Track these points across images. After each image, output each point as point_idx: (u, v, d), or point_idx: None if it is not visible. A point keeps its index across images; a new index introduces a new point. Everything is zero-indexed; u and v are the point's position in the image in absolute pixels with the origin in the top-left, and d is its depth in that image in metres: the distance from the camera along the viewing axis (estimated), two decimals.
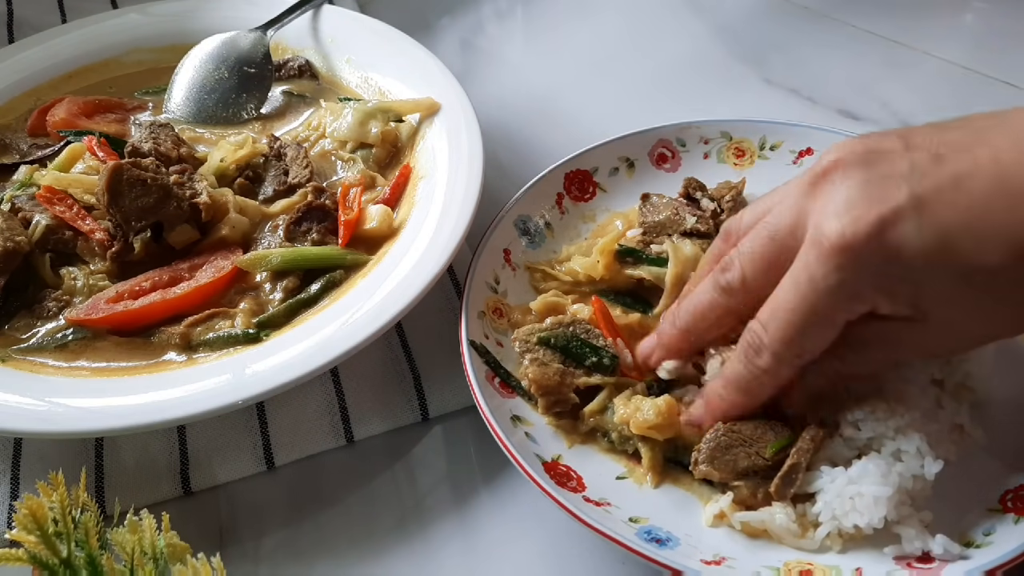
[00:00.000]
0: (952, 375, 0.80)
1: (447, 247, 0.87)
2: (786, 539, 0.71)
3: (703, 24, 1.42)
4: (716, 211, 0.96)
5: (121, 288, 0.91)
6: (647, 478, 0.77)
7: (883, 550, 0.69)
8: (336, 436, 0.86)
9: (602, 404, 0.80)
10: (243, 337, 0.86)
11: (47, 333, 0.89)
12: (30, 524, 0.60)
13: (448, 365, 0.89)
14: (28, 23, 1.45)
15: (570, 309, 0.89)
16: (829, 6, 1.41)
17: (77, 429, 0.77)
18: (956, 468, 0.75)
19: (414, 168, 1.04)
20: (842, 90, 1.25)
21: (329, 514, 0.81)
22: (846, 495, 0.70)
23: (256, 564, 0.78)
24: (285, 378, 0.78)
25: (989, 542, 0.69)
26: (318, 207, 0.97)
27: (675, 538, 0.72)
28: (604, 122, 1.16)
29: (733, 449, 0.74)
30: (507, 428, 0.77)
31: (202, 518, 0.81)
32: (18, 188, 1.01)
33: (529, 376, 0.81)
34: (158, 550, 0.64)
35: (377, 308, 0.83)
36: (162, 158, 0.99)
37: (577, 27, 1.44)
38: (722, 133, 1.05)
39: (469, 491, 0.82)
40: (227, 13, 1.27)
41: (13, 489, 0.84)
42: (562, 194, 1.00)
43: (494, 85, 1.31)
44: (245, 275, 0.93)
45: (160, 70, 1.23)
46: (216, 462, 0.85)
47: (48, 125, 1.13)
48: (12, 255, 0.91)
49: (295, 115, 1.17)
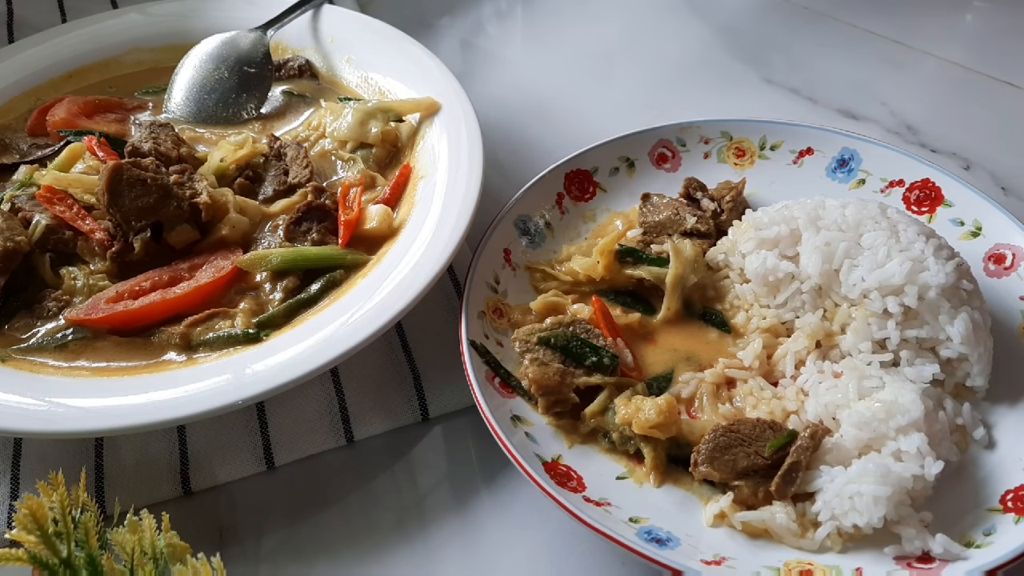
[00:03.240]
0: (952, 375, 0.80)
1: (447, 247, 0.87)
2: (786, 539, 0.71)
3: (703, 24, 1.42)
4: (716, 211, 0.96)
5: (121, 288, 0.91)
6: (649, 477, 0.77)
7: (883, 550, 0.69)
8: (336, 436, 0.86)
9: (603, 405, 0.80)
10: (243, 337, 0.86)
11: (47, 333, 0.89)
12: (30, 524, 0.60)
13: (448, 365, 0.89)
14: (28, 23, 1.45)
15: (570, 309, 0.89)
16: (829, 6, 1.41)
17: (77, 429, 0.77)
18: (956, 468, 0.75)
19: (414, 168, 1.04)
20: (842, 90, 1.25)
21: (329, 514, 0.81)
22: (845, 494, 0.70)
23: (256, 564, 0.78)
24: (285, 378, 0.78)
25: (989, 542, 0.69)
26: (318, 207, 0.97)
27: (675, 538, 0.72)
28: (604, 122, 1.16)
29: (732, 449, 0.74)
30: (507, 428, 0.77)
31: (202, 518, 0.81)
32: (18, 188, 1.01)
33: (529, 376, 0.81)
34: (158, 550, 0.64)
35: (377, 308, 0.83)
36: (162, 158, 0.99)
37: (577, 27, 1.44)
38: (722, 133, 1.05)
39: (469, 491, 0.82)
40: (227, 13, 1.27)
41: (13, 489, 0.83)
42: (562, 194, 1.00)
43: (494, 85, 1.31)
44: (245, 275, 0.93)
45: (160, 70, 1.23)
46: (216, 462, 0.85)
47: (48, 125, 1.13)
48: (12, 255, 0.91)
49: (295, 115, 1.17)
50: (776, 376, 0.84)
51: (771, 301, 0.87)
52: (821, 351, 0.83)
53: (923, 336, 0.79)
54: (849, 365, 0.79)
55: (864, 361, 0.80)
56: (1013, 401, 0.80)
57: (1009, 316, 0.86)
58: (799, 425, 0.77)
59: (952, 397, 0.78)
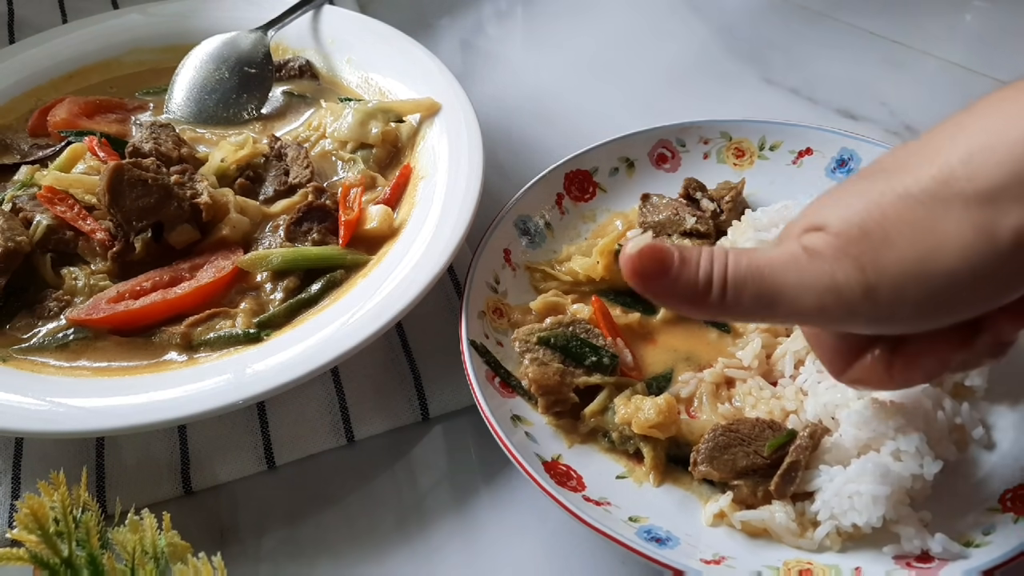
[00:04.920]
0: (951, 375, 0.80)
1: (447, 247, 0.87)
2: (785, 538, 0.72)
3: (703, 24, 1.42)
4: (716, 211, 0.96)
5: (122, 288, 0.91)
6: (649, 477, 0.77)
7: (882, 549, 0.70)
8: (336, 436, 0.87)
9: (603, 404, 0.81)
10: (243, 337, 0.87)
11: (48, 333, 0.89)
12: (31, 524, 0.60)
13: (448, 365, 0.89)
14: (28, 23, 1.45)
15: (570, 309, 0.90)
16: (829, 6, 1.41)
17: (78, 429, 0.77)
18: (955, 468, 0.75)
19: (414, 168, 1.04)
20: (842, 90, 1.25)
21: (330, 513, 0.81)
22: (845, 494, 0.70)
23: (257, 563, 0.78)
24: (285, 378, 0.78)
25: (988, 541, 0.69)
26: (318, 207, 0.97)
27: (675, 537, 0.72)
28: (604, 122, 1.16)
29: (732, 448, 0.74)
30: (507, 428, 0.77)
31: (203, 517, 0.81)
32: (19, 188, 1.01)
33: (529, 376, 0.81)
34: (159, 549, 0.64)
35: (377, 308, 0.84)
36: (163, 158, 1.00)
37: (577, 27, 1.44)
38: (722, 133, 1.05)
39: (469, 491, 0.82)
40: (227, 13, 1.27)
41: (14, 489, 0.84)
42: (562, 194, 1.00)
43: (494, 85, 1.31)
44: (246, 275, 0.93)
45: (161, 70, 1.23)
46: (217, 462, 0.85)
47: (49, 125, 1.13)
48: (13, 255, 0.91)
49: (295, 115, 1.17)
50: (775, 376, 0.84)
51: None
52: None
53: None
54: None
55: None
56: (1012, 401, 0.80)
57: None
58: (798, 424, 0.77)
59: (951, 396, 0.78)
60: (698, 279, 0.55)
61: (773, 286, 0.54)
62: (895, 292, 0.51)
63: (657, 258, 0.54)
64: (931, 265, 0.50)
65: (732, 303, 0.54)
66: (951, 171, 0.51)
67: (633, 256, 0.54)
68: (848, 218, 0.53)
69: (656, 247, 0.55)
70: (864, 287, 0.51)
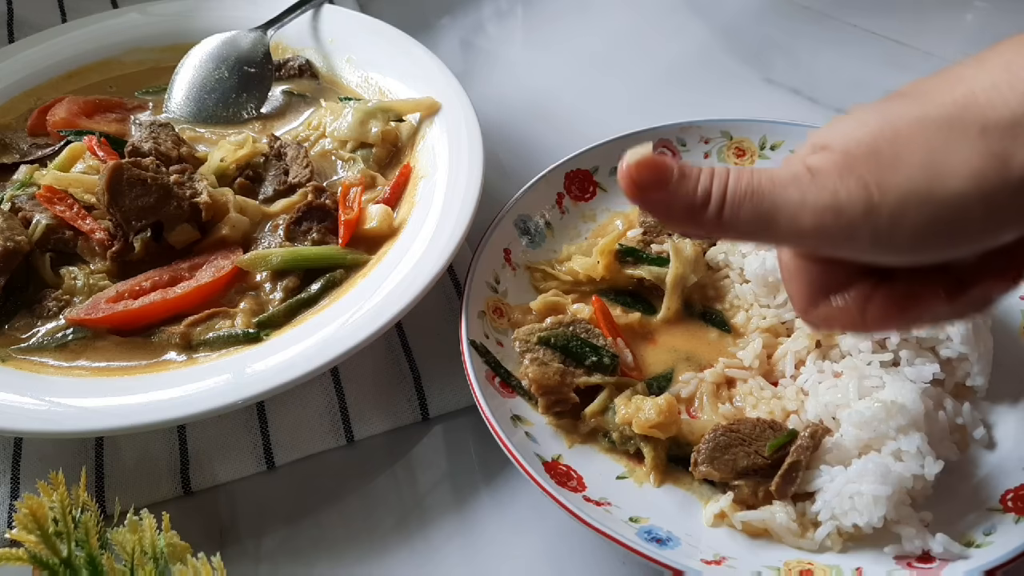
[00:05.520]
0: (952, 375, 0.80)
1: (447, 247, 0.87)
2: (786, 538, 0.71)
3: (703, 24, 1.42)
4: None
5: (121, 288, 0.91)
6: (649, 477, 0.77)
7: (883, 549, 0.70)
8: (336, 436, 0.86)
9: (603, 405, 0.80)
10: (243, 337, 0.86)
11: (47, 333, 0.89)
12: (30, 524, 0.60)
13: (448, 365, 0.89)
14: (28, 23, 1.45)
15: (570, 309, 0.89)
16: (829, 6, 1.41)
17: (77, 429, 0.77)
18: (956, 468, 0.75)
19: (414, 168, 1.04)
20: (842, 89, 1.25)
21: (329, 513, 0.81)
22: (845, 494, 0.70)
23: (256, 563, 0.78)
24: (285, 378, 0.78)
25: (989, 542, 0.69)
26: (318, 207, 0.97)
27: (675, 538, 0.72)
28: (604, 122, 1.16)
29: (732, 449, 0.74)
30: (507, 428, 0.77)
31: (202, 518, 0.81)
32: (18, 188, 1.01)
33: (529, 376, 0.81)
34: (158, 550, 0.64)
35: (377, 308, 0.83)
36: (162, 158, 0.99)
37: (577, 27, 1.44)
38: (722, 133, 1.05)
39: (469, 491, 0.82)
40: (227, 13, 1.27)
41: (13, 489, 0.84)
42: (562, 194, 1.00)
43: (494, 85, 1.31)
44: (245, 275, 0.93)
45: (160, 70, 1.23)
46: (216, 462, 0.85)
47: (48, 125, 1.13)
48: (12, 255, 0.91)
49: (295, 115, 1.17)
50: (776, 376, 0.84)
51: (771, 301, 0.87)
52: (821, 351, 0.83)
53: (923, 335, 0.79)
54: (849, 365, 0.79)
55: (864, 361, 0.79)
56: (1013, 401, 0.80)
57: (1009, 316, 0.86)
58: (799, 425, 0.77)
59: (952, 397, 0.78)
60: (696, 193, 0.53)
61: (772, 204, 0.53)
62: (898, 212, 0.50)
63: (656, 169, 0.53)
64: (938, 187, 0.49)
65: (729, 220, 0.53)
66: (973, 98, 0.50)
67: (631, 166, 0.53)
68: (859, 137, 0.52)
69: (655, 158, 0.53)
70: (866, 205, 0.50)
